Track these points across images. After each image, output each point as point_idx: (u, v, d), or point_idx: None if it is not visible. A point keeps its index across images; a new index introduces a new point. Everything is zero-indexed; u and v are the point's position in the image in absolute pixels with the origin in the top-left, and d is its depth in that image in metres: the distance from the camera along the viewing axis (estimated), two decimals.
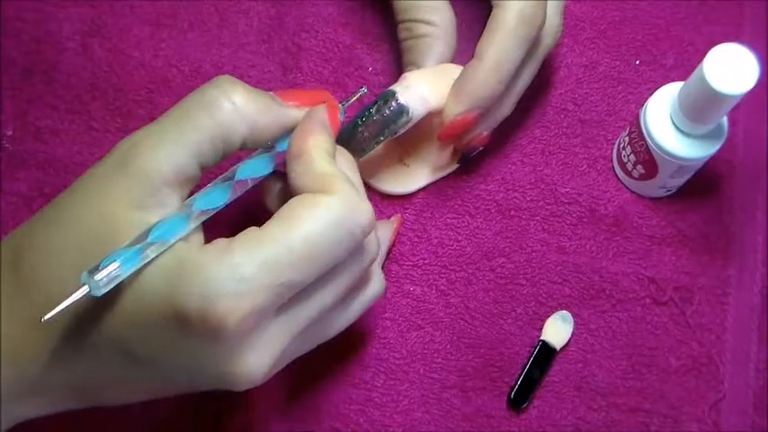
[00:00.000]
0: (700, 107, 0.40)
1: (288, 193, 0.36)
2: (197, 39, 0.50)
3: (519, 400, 0.45)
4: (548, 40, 0.44)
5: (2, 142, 0.48)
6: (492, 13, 0.42)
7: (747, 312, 0.46)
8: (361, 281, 0.38)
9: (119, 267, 0.31)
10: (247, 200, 0.38)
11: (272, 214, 0.34)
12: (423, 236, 0.47)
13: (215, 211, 0.35)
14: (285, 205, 0.34)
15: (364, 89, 0.41)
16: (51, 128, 0.49)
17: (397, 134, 0.43)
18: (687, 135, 0.42)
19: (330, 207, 0.33)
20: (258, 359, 0.33)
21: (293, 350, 0.36)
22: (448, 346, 0.46)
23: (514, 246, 0.47)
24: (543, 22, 0.42)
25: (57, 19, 0.50)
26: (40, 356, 0.33)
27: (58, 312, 0.30)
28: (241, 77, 0.49)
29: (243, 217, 0.37)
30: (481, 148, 0.47)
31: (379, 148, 0.44)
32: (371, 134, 0.42)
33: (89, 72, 0.49)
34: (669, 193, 0.48)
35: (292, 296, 0.33)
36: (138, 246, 0.31)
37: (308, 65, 0.50)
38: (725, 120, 0.43)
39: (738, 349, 0.46)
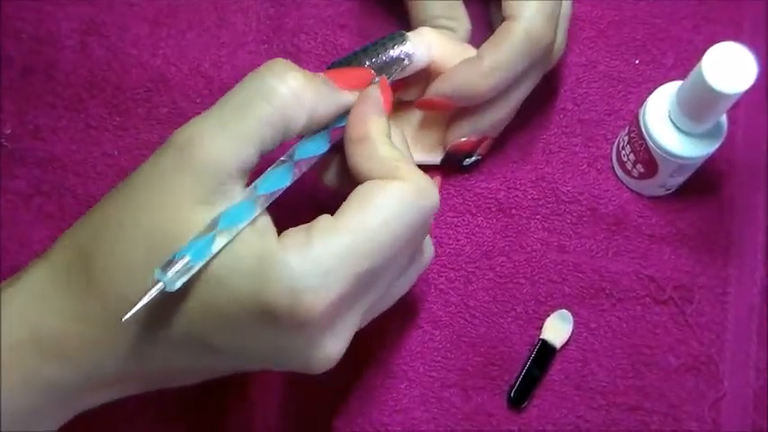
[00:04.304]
0: (698, 106, 0.40)
1: (345, 170, 0.36)
2: (196, 38, 0.50)
3: (519, 399, 0.45)
4: (551, 56, 0.45)
5: (0, 140, 0.48)
6: (501, 25, 0.43)
7: (747, 312, 0.46)
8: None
9: (190, 260, 0.31)
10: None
11: (330, 190, 0.35)
12: None
13: (279, 194, 0.34)
14: (355, 192, 0.34)
15: (406, 62, 0.42)
16: (50, 126, 0.49)
17: (394, 76, 0.43)
18: (686, 134, 0.42)
19: (402, 193, 0.34)
20: (337, 342, 0.34)
21: (360, 325, 0.37)
22: (447, 345, 0.46)
23: (514, 244, 0.47)
24: (551, 42, 0.43)
25: (55, 17, 0.50)
26: (115, 353, 0.33)
27: (137, 311, 0.30)
28: (239, 78, 0.49)
29: (296, 193, 0.37)
30: (479, 157, 0.47)
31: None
32: (370, 68, 0.42)
33: (88, 70, 0.49)
34: (669, 192, 0.48)
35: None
36: (208, 236, 0.31)
37: (307, 67, 0.49)
38: (724, 118, 0.43)
39: (738, 349, 0.46)
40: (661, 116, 0.43)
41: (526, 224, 0.47)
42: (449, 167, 0.47)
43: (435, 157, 0.47)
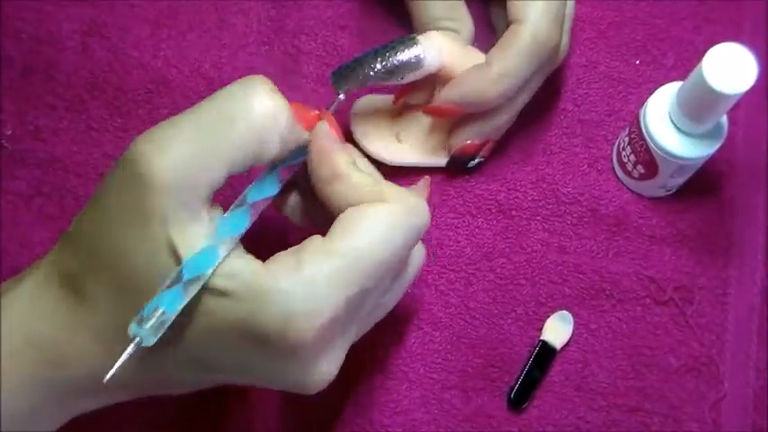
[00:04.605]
0: (699, 106, 0.40)
1: (305, 201, 0.37)
2: (196, 39, 0.50)
3: (519, 401, 0.45)
4: (556, 58, 0.45)
5: (1, 141, 0.48)
6: (508, 29, 0.43)
7: (747, 312, 0.46)
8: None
9: (164, 312, 0.30)
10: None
11: (290, 222, 0.35)
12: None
13: (239, 237, 0.33)
14: (344, 216, 0.34)
15: (342, 97, 0.40)
16: (50, 127, 0.49)
17: (403, 80, 0.43)
18: (687, 134, 0.42)
19: (391, 215, 0.33)
20: (331, 363, 0.34)
21: (352, 340, 0.37)
22: (448, 347, 0.46)
23: (515, 246, 0.47)
24: (557, 44, 0.43)
25: (56, 18, 0.50)
26: (109, 365, 0.33)
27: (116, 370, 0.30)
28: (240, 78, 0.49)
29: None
30: (482, 159, 0.47)
31: (379, 119, 0.46)
32: (379, 72, 0.42)
33: (88, 71, 0.49)
34: (669, 192, 0.48)
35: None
36: (178, 285, 0.31)
37: (308, 68, 0.50)
38: (724, 119, 0.43)
39: (738, 349, 0.46)
40: (661, 117, 0.43)
41: (526, 225, 0.47)
42: (452, 170, 0.47)
43: (441, 160, 0.47)
